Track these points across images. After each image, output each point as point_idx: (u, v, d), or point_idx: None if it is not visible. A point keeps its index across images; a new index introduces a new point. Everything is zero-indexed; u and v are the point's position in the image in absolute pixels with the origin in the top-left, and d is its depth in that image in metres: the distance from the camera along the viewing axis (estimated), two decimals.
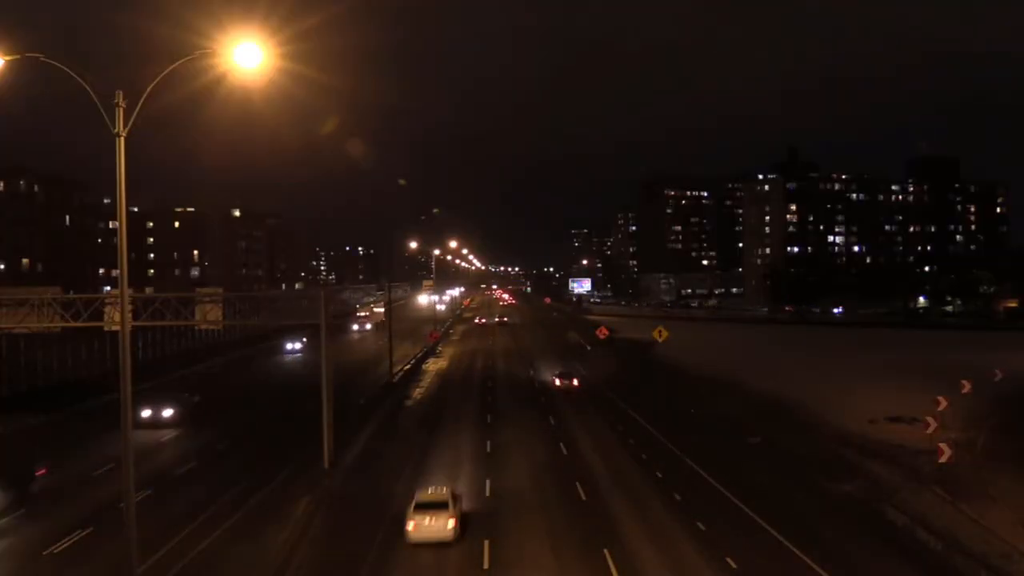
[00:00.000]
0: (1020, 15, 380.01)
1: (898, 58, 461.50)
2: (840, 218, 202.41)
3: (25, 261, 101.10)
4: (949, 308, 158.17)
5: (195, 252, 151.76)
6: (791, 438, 41.89)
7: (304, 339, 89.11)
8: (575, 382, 62.53)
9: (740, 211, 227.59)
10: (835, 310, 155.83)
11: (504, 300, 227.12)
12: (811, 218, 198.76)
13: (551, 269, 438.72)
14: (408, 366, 76.83)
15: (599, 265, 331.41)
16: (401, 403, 57.30)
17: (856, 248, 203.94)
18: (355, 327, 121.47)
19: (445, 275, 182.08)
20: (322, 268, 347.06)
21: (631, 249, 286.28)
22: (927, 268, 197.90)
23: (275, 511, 29.82)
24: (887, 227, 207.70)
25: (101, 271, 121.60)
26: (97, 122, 18.04)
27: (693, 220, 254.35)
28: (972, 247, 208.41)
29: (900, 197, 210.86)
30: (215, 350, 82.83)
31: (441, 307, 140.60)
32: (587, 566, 24.14)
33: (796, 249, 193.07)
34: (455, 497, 27.40)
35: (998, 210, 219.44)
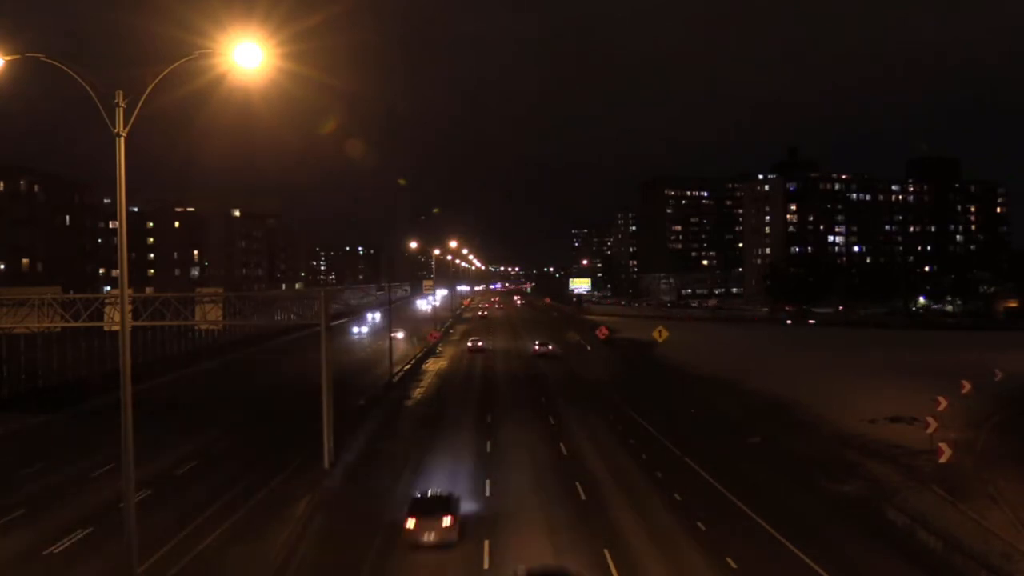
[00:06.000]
0: (1020, 15, 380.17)
1: (899, 58, 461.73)
2: (840, 218, 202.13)
3: (25, 261, 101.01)
4: (949, 308, 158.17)
5: (195, 252, 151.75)
6: (791, 438, 41.87)
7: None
8: (550, 347, 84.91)
9: (740, 211, 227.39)
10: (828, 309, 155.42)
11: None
12: (811, 218, 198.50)
13: (551, 269, 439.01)
14: (408, 366, 76.74)
15: (599, 265, 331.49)
16: (401, 403, 57.24)
17: (856, 248, 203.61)
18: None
19: (445, 275, 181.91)
20: (322, 268, 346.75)
21: (631, 249, 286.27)
22: (927, 268, 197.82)
23: (275, 511, 29.81)
24: (887, 227, 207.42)
25: (101, 271, 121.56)
26: (97, 122, 18.04)
27: (693, 220, 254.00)
28: (972, 247, 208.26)
29: (900, 197, 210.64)
30: (216, 351, 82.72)
31: (436, 303, 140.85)
32: (587, 566, 24.12)
33: (796, 249, 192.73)
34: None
35: (998, 210, 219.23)
